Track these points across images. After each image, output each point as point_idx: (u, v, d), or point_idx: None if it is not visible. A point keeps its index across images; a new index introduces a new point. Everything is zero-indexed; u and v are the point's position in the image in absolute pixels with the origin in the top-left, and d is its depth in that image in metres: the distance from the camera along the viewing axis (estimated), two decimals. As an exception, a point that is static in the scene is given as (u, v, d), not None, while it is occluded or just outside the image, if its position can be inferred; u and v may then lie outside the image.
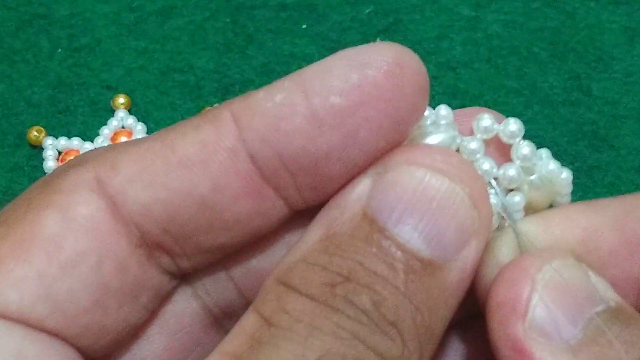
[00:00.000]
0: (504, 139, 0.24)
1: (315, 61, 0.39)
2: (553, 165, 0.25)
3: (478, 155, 0.24)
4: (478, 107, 0.26)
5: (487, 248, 0.23)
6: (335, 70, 0.22)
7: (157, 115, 0.38)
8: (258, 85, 0.40)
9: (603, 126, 0.37)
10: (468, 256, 0.22)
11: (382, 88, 0.22)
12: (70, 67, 0.39)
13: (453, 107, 0.38)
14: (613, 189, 0.36)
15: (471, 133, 0.25)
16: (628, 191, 0.36)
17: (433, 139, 0.24)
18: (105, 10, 0.40)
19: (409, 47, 0.41)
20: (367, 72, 0.22)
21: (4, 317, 0.22)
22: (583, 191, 0.36)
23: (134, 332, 0.24)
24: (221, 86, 0.38)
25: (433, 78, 0.38)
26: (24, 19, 0.40)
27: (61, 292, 0.22)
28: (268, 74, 0.39)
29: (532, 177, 0.24)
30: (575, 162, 0.36)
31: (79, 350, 0.23)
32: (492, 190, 0.24)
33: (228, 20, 0.40)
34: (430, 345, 0.21)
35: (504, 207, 0.24)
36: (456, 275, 0.22)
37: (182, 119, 0.39)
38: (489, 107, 0.38)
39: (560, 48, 0.39)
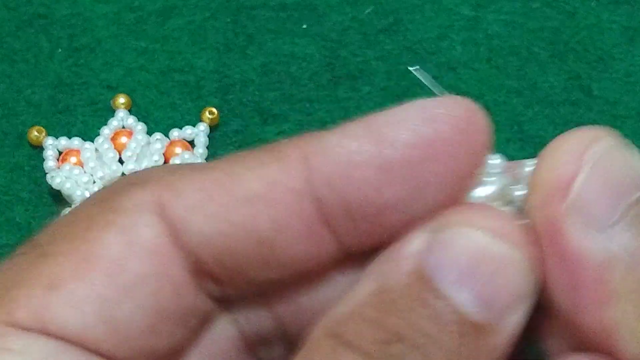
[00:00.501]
0: None
1: (315, 61, 0.39)
2: None
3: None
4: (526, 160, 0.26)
5: None
6: (408, 121, 0.22)
7: (157, 115, 0.38)
8: (258, 85, 0.40)
9: (603, 126, 0.37)
10: (518, 319, 0.22)
11: (452, 143, 0.22)
12: (71, 67, 0.39)
13: (453, 107, 0.38)
14: (613, 189, 0.36)
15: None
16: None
17: (483, 191, 0.24)
18: (105, 10, 0.40)
19: (409, 47, 0.41)
20: (438, 127, 0.22)
21: (63, 338, 0.22)
22: (583, 191, 0.36)
23: (177, 356, 0.24)
24: (221, 86, 0.38)
25: (433, 78, 0.38)
26: (24, 19, 0.40)
27: (120, 316, 0.22)
28: (268, 74, 0.39)
29: None
30: (576, 162, 0.36)
31: None
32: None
33: (228, 20, 0.40)
34: None
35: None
36: (506, 337, 0.22)
37: (182, 118, 0.39)
38: (489, 108, 0.38)
39: (560, 48, 0.39)
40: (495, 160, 0.24)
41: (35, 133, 0.38)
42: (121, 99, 0.38)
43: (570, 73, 0.38)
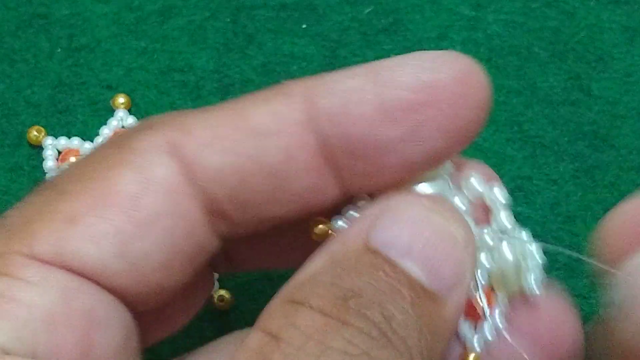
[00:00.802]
0: (487, 202, 0.26)
1: (315, 61, 0.39)
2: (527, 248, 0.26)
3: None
4: (475, 162, 0.27)
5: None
6: (408, 67, 0.23)
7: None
8: (258, 85, 0.40)
9: (603, 126, 0.37)
10: (461, 294, 0.23)
11: (449, 92, 0.23)
12: (70, 67, 0.39)
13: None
14: (613, 189, 0.36)
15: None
16: (629, 191, 0.36)
17: (425, 188, 0.25)
18: (105, 10, 0.40)
19: (409, 47, 0.41)
20: (437, 75, 0.23)
21: (81, 273, 0.22)
22: (583, 191, 0.36)
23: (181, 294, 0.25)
24: (221, 86, 0.38)
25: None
26: (24, 18, 0.40)
27: (136, 251, 0.23)
28: (268, 74, 0.39)
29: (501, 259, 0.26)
30: (576, 162, 0.36)
31: (134, 309, 0.24)
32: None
33: (228, 20, 0.40)
34: None
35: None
36: (453, 309, 0.23)
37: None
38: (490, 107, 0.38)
39: (560, 48, 0.39)
40: (446, 164, 0.26)
41: (35, 133, 0.38)
42: (121, 99, 0.38)
43: (570, 73, 0.38)
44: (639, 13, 0.39)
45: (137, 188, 0.23)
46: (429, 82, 0.23)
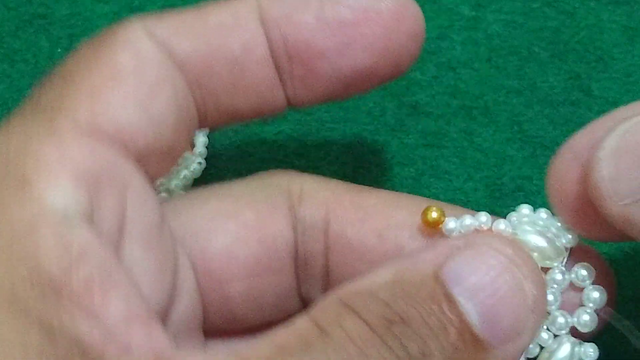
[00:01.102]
0: (575, 281, 0.27)
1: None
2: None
3: (553, 307, 0.26)
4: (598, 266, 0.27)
5: None
6: None
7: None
8: (258, 85, 0.40)
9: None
10: (509, 351, 0.23)
11: (383, 17, 0.27)
12: (70, 67, 0.39)
13: (453, 107, 0.38)
14: (613, 189, 0.36)
15: None
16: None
17: (536, 240, 0.26)
18: (105, 10, 0.40)
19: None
20: (377, 3, 0.27)
21: (115, 137, 0.25)
22: (583, 191, 0.36)
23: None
24: (221, 86, 0.38)
25: (433, 78, 0.38)
26: (24, 18, 0.40)
27: (154, 111, 0.25)
28: (268, 74, 0.38)
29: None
30: (576, 162, 0.36)
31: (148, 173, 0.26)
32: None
33: (228, 20, 0.40)
34: None
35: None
36: None
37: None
38: (489, 107, 0.38)
39: (560, 48, 0.39)
40: (543, 215, 0.27)
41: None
42: (121, 99, 0.38)
43: (570, 73, 0.38)
44: (639, 13, 0.39)
45: (136, 62, 0.26)
46: (367, 6, 0.27)
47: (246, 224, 0.28)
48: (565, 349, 0.26)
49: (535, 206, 0.36)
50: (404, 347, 0.22)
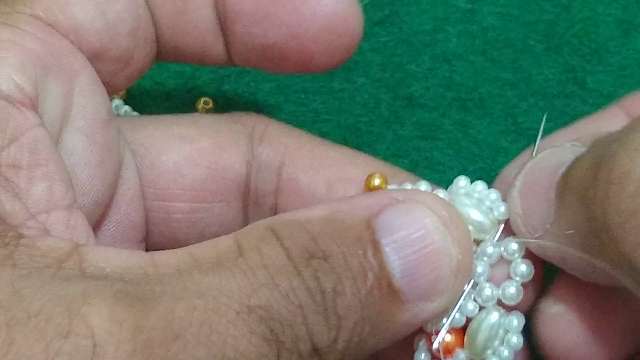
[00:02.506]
0: (505, 255, 0.27)
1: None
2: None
3: (481, 279, 0.27)
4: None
5: None
6: None
7: (152, 106, 0.38)
8: (253, 75, 0.40)
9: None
10: (425, 309, 0.24)
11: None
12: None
13: (448, 99, 0.38)
14: (607, 182, 0.36)
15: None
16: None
17: (473, 214, 0.27)
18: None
19: (405, 39, 0.41)
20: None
21: (69, 32, 0.26)
22: (577, 183, 0.36)
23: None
24: (217, 77, 0.38)
25: (428, 70, 0.38)
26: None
27: (112, 14, 0.26)
28: (264, 65, 0.39)
29: None
30: (570, 155, 0.37)
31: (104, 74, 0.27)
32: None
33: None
34: (350, 357, 0.23)
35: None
36: (408, 317, 0.24)
37: (178, 109, 0.39)
38: (484, 100, 0.38)
39: (555, 41, 0.39)
40: (480, 187, 0.28)
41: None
42: (117, 89, 0.38)
43: (565, 66, 0.38)
44: (634, 7, 0.40)
45: None
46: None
47: (200, 149, 0.29)
48: (493, 317, 0.26)
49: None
50: (317, 279, 0.22)
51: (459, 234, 0.24)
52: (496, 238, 0.27)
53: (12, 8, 0.25)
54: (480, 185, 0.28)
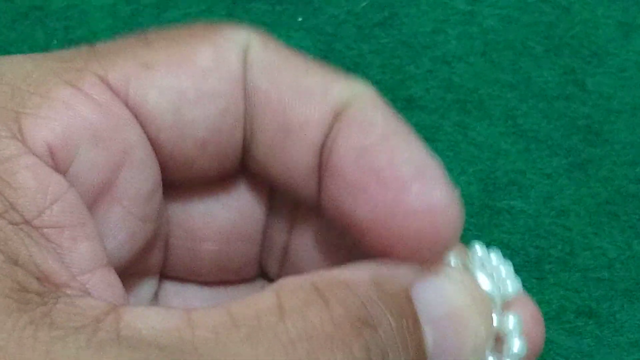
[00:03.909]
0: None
1: (310, 54, 0.38)
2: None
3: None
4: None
5: None
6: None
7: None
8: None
9: (597, 120, 0.37)
10: None
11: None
12: (66, 59, 0.39)
13: (447, 101, 0.38)
14: (607, 183, 0.36)
15: None
16: (621, 185, 0.36)
17: (483, 282, 0.26)
18: (101, 3, 0.40)
19: (405, 41, 0.41)
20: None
21: (136, 113, 0.24)
22: (577, 185, 0.36)
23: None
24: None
25: (428, 72, 0.38)
26: (20, 11, 0.40)
27: (188, 116, 0.24)
28: (263, 67, 0.39)
29: None
30: (569, 156, 0.37)
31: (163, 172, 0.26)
32: None
33: (224, 13, 0.40)
34: None
35: None
36: None
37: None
38: (483, 101, 0.38)
39: (555, 42, 0.39)
40: (494, 257, 0.27)
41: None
42: (116, 91, 0.38)
43: (565, 67, 0.38)
44: (634, 8, 0.40)
45: (211, 65, 0.24)
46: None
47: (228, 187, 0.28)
48: None
49: (529, 199, 0.36)
50: (368, 351, 0.21)
51: (486, 316, 0.24)
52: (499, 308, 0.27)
53: (84, 65, 0.24)
54: (494, 255, 0.27)
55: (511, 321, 0.27)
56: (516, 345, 0.27)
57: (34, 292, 0.20)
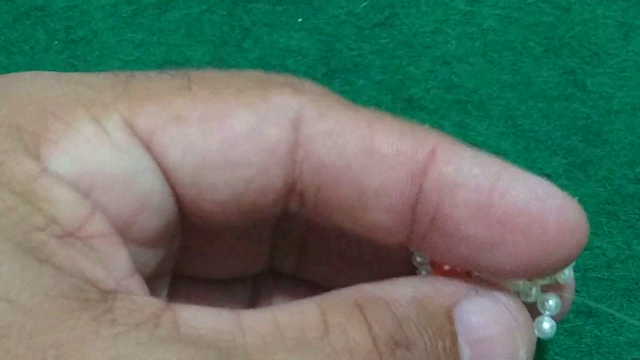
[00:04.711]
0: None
1: (311, 55, 0.39)
2: None
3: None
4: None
5: None
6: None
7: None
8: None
9: (597, 121, 0.37)
10: None
11: (546, 222, 0.23)
12: (67, 59, 0.39)
13: (447, 101, 0.38)
14: (606, 183, 0.36)
15: None
16: (621, 185, 0.36)
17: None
18: (102, 3, 0.40)
19: (405, 41, 0.41)
20: (543, 201, 0.24)
21: (159, 161, 0.23)
22: (576, 185, 0.36)
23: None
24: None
25: (428, 72, 0.38)
26: (21, 10, 0.40)
27: (210, 181, 0.23)
28: (264, 68, 0.39)
29: None
30: (569, 157, 0.37)
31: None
32: None
33: (224, 13, 0.40)
34: None
35: None
36: None
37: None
38: (483, 102, 0.38)
39: (555, 43, 0.39)
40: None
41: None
42: (117, 91, 0.38)
43: (565, 68, 0.38)
44: (634, 9, 0.40)
45: (245, 133, 0.23)
46: (534, 204, 0.24)
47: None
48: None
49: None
50: None
51: (527, 337, 0.24)
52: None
53: (113, 102, 0.23)
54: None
55: (549, 302, 0.27)
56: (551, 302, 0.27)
57: (92, 292, 0.21)
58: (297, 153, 0.24)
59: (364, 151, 0.24)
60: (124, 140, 0.23)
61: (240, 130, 0.23)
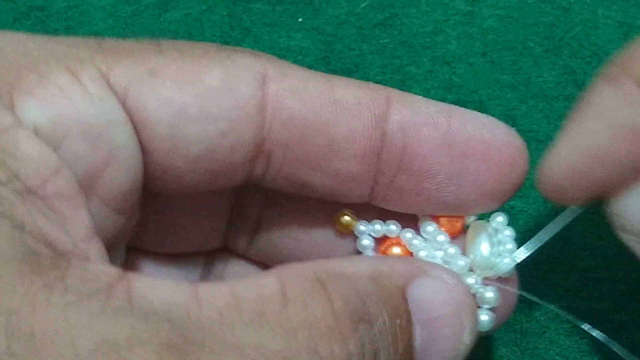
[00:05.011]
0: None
1: (311, 55, 0.39)
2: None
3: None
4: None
5: None
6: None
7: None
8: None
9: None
10: None
11: (496, 153, 0.27)
12: (67, 59, 0.39)
13: (448, 101, 0.38)
14: (606, 184, 0.36)
15: None
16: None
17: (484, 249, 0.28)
18: (102, 3, 0.40)
19: (405, 41, 0.41)
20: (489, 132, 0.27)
21: (134, 118, 0.24)
22: (576, 185, 0.36)
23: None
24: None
25: (428, 72, 0.38)
26: (22, 10, 0.40)
27: (184, 131, 0.24)
28: (264, 67, 0.39)
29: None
30: (569, 157, 0.37)
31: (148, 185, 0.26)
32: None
33: (224, 13, 0.40)
34: None
35: None
36: None
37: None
38: (484, 102, 0.38)
39: (555, 43, 0.39)
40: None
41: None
42: (117, 92, 0.38)
43: (565, 68, 0.38)
44: (634, 9, 0.40)
45: (218, 87, 0.24)
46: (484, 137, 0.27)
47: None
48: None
49: (529, 199, 0.36)
50: (362, 347, 0.21)
51: (473, 323, 0.25)
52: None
53: (89, 55, 0.24)
54: (508, 231, 0.28)
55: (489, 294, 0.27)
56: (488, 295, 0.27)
57: (46, 256, 0.20)
58: (265, 110, 0.25)
59: (329, 102, 0.25)
60: (98, 91, 0.23)
61: (214, 84, 0.24)
